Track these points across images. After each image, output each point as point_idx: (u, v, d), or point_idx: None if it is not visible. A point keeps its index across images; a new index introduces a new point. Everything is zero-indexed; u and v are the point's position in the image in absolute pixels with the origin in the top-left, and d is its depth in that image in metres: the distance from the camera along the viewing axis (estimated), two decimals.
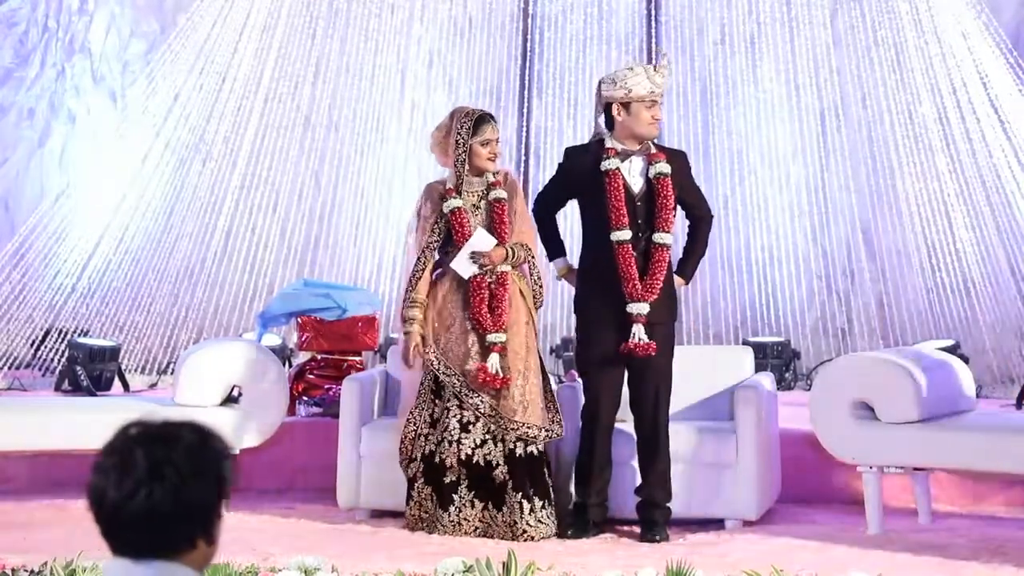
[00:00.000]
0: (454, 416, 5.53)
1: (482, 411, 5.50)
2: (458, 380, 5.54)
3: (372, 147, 10.16)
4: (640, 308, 5.44)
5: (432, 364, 5.58)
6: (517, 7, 10.34)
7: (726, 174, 9.99)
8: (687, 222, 5.85)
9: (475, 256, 5.57)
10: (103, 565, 2.10)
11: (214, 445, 2.07)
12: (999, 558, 5.06)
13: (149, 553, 2.02)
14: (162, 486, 1.99)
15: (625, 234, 5.47)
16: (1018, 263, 9.16)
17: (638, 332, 5.44)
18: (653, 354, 5.44)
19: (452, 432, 5.52)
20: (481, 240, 5.57)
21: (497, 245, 5.58)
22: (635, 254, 5.48)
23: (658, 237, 5.49)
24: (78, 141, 10.52)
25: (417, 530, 5.53)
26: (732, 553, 5.14)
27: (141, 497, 1.99)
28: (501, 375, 5.49)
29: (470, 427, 5.52)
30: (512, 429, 5.48)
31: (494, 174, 5.70)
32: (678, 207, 5.69)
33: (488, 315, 5.54)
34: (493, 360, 5.51)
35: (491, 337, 5.52)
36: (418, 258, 5.65)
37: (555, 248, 5.77)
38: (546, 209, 5.79)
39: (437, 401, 5.59)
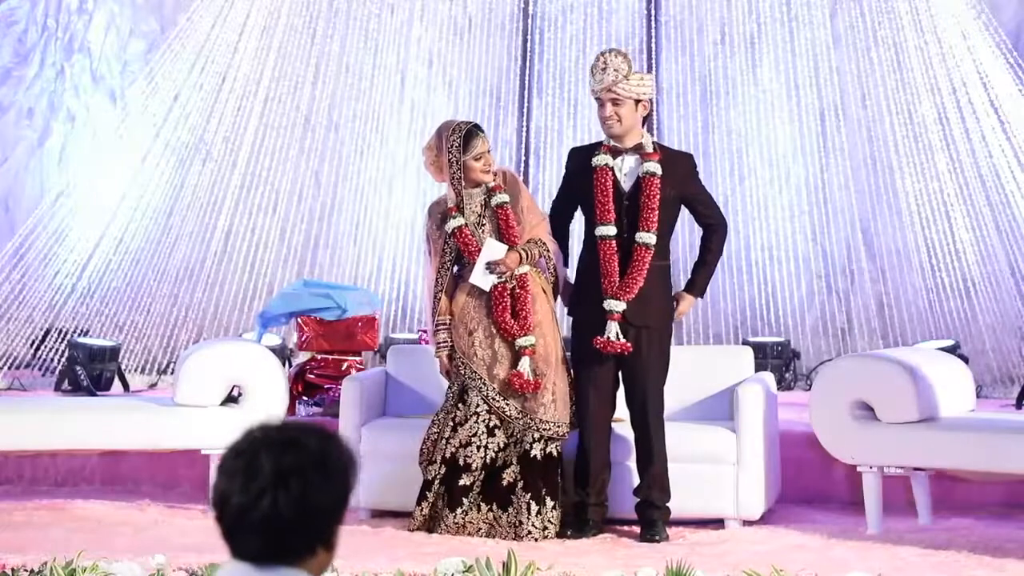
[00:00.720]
0: (483, 421, 5.53)
1: (509, 414, 5.50)
2: (484, 384, 5.54)
3: (372, 147, 10.15)
4: (615, 305, 5.43)
5: (459, 370, 5.59)
6: (517, 7, 10.34)
7: (726, 174, 9.99)
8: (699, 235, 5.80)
9: (491, 266, 5.56)
10: (222, 567, 2.08)
11: (340, 452, 2.04)
12: (999, 558, 5.06)
13: (269, 559, 2.00)
14: (287, 493, 1.97)
15: (609, 229, 5.46)
16: (1018, 263, 9.16)
17: (611, 329, 5.43)
18: (625, 353, 5.42)
19: (480, 437, 5.53)
20: (493, 250, 5.57)
21: (509, 250, 5.58)
22: (618, 251, 5.46)
23: (639, 236, 5.46)
24: (78, 141, 10.52)
25: (419, 530, 5.52)
26: (732, 553, 5.14)
27: (266, 504, 1.97)
28: (531, 379, 5.50)
29: (496, 431, 5.53)
30: (544, 429, 5.49)
31: (492, 176, 5.70)
32: (685, 212, 5.66)
33: (513, 321, 5.53)
34: (525, 364, 5.51)
35: (521, 341, 5.52)
36: (436, 279, 5.65)
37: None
38: (557, 220, 5.77)
39: (460, 406, 5.59)
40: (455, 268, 5.70)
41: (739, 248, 9.90)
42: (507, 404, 5.51)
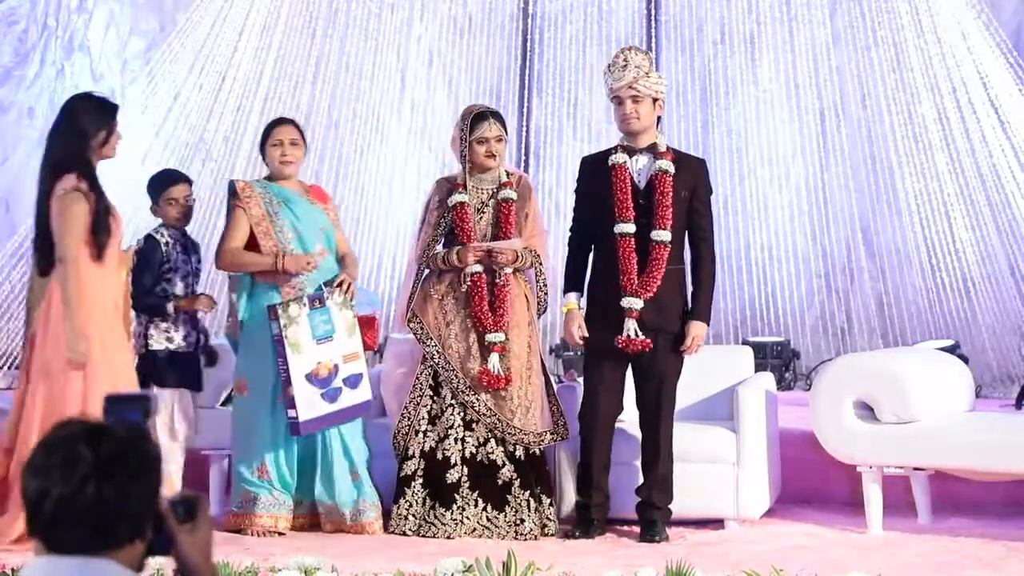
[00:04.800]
0: (457, 413, 5.54)
1: (480, 411, 5.51)
2: (456, 377, 5.54)
3: (372, 147, 10.16)
4: (633, 303, 5.42)
5: (433, 359, 5.59)
6: (517, 7, 10.34)
7: (726, 174, 9.99)
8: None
9: (494, 254, 5.55)
10: (26, 566, 2.07)
11: (152, 444, 2.04)
12: (999, 558, 5.07)
13: (87, 549, 1.97)
14: (111, 481, 1.96)
15: (628, 227, 5.44)
16: (1018, 263, 9.17)
17: (630, 327, 5.42)
18: (646, 350, 5.41)
19: (457, 429, 5.53)
20: (508, 241, 5.59)
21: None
22: (636, 250, 5.45)
23: (655, 234, 5.45)
24: None
25: (403, 530, 5.49)
26: (732, 553, 5.14)
27: (90, 492, 1.94)
28: (502, 375, 5.50)
29: (473, 425, 5.53)
30: (509, 434, 5.50)
31: (508, 174, 5.72)
32: (687, 220, 5.59)
33: (489, 314, 5.54)
34: (493, 360, 5.51)
35: (490, 337, 5.52)
36: (423, 252, 5.67)
37: (574, 282, 5.64)
38: (582, 236, 5.66)
39: (435, 398, 5.59)
40: (440, 244, 5.71)
41: (739, 248, 9.90)
42: (476, 399, 5.51)
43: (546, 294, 5.73)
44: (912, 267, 9.49)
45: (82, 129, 5.10)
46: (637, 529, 5.51)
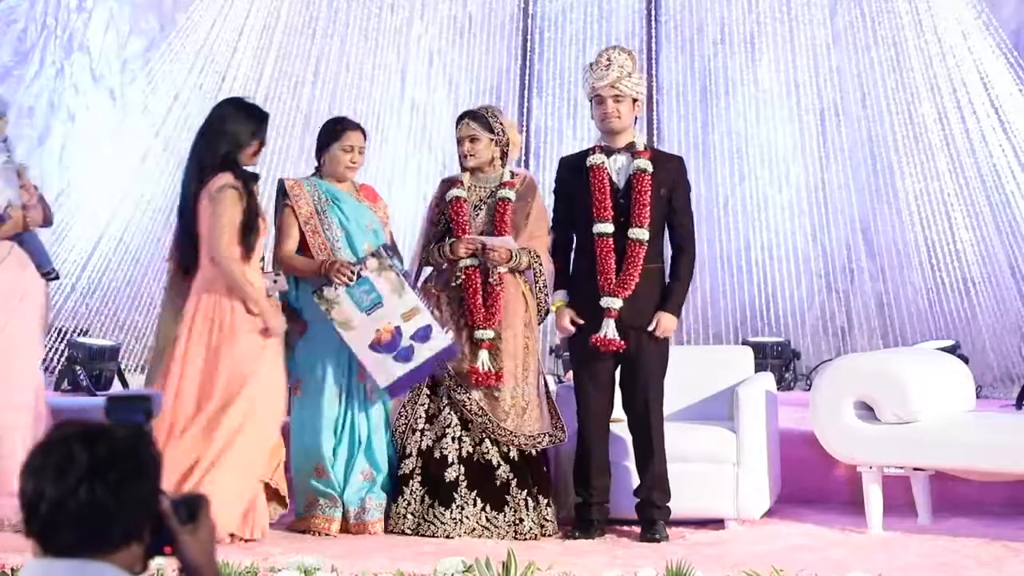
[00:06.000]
0: (455, 413, 5.54)
1: (472, 411, 5.50)
2: (450, 376, 5.54)
3: (372, 147, 10.13)
4: (612, 302, 5.42)
5: None
6: (517, 7, 10.34)
7: (726, 174, 9.99)
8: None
9: (487, 249, 5.55)
10: (23, 567, 2.07)
11: (148, 444, 2.04)
12: (999, 558, 5.07)
13: (82, 552, 1.98)
14: (104, 482, 1.96)
15: (606, 227, 5.46)
16: (1018, 263, 9.17)
17: (607, 326, 5.43)
18: (619, 350, 5.41)
19: (454, 428, 5.53)
20: (501, 238, 5.60)
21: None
22: (614, 249, 5.46)
23: (632, 232, 5.45)
24: (77, 139, 10.52)
25: (399, 531, 5.48)
26: (732, 553, 5.14)
27: (83, 493, 1.95)
28: (492, 371, 5.49)
29: (470, 425, 5.53)
30: (500, 436, 5.49)
31: (512, 175, 5.72)
32: (667, 219, 5.59)
33: (482, 308, 5.54)
34: (483, 357, 5.51)
35: (479, 334, 5.52)
36: (421, 250, 5.72)
37: (560, 280, 5.66)
38: (563, 237, 5.69)
39: (433, 397, 5.59)
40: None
41: (739, 248, 9.90)
42: (468, 399, 5.50)
43: (546, 296, 5.70)
44: (912, 267, 9.49)
45: (236, 135, 5.15)
46: (637, 529, 5.52)
